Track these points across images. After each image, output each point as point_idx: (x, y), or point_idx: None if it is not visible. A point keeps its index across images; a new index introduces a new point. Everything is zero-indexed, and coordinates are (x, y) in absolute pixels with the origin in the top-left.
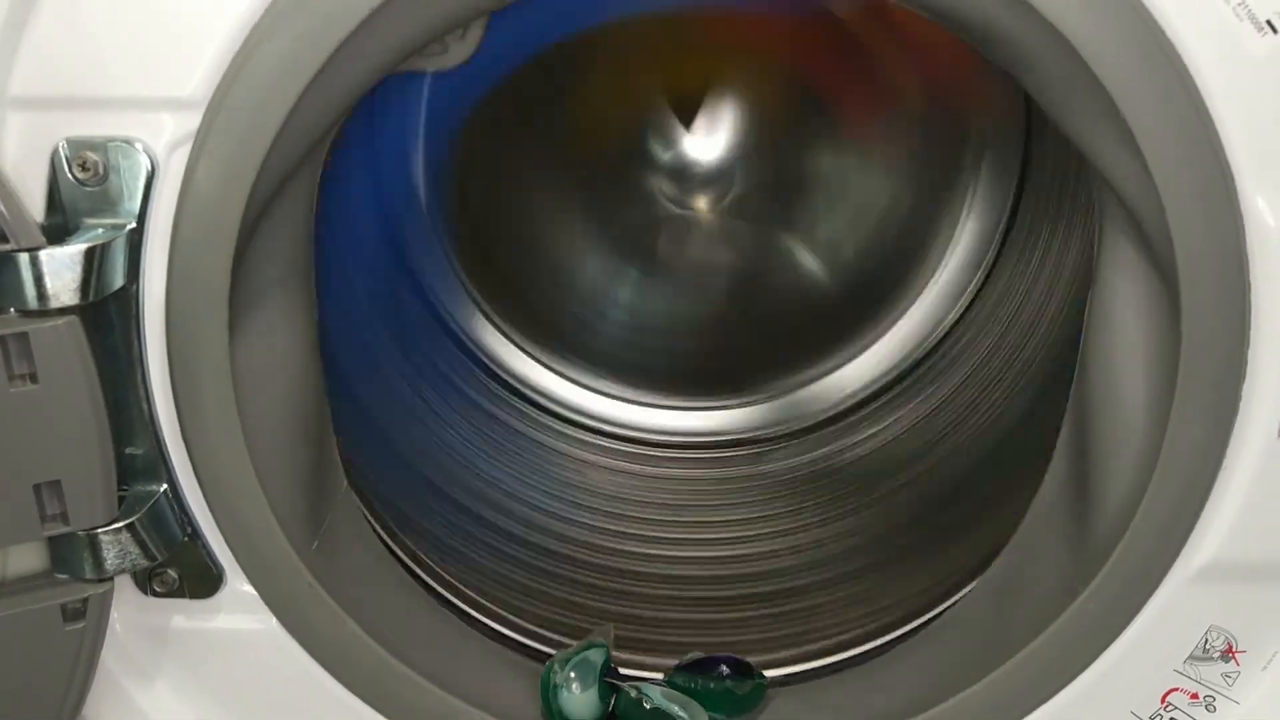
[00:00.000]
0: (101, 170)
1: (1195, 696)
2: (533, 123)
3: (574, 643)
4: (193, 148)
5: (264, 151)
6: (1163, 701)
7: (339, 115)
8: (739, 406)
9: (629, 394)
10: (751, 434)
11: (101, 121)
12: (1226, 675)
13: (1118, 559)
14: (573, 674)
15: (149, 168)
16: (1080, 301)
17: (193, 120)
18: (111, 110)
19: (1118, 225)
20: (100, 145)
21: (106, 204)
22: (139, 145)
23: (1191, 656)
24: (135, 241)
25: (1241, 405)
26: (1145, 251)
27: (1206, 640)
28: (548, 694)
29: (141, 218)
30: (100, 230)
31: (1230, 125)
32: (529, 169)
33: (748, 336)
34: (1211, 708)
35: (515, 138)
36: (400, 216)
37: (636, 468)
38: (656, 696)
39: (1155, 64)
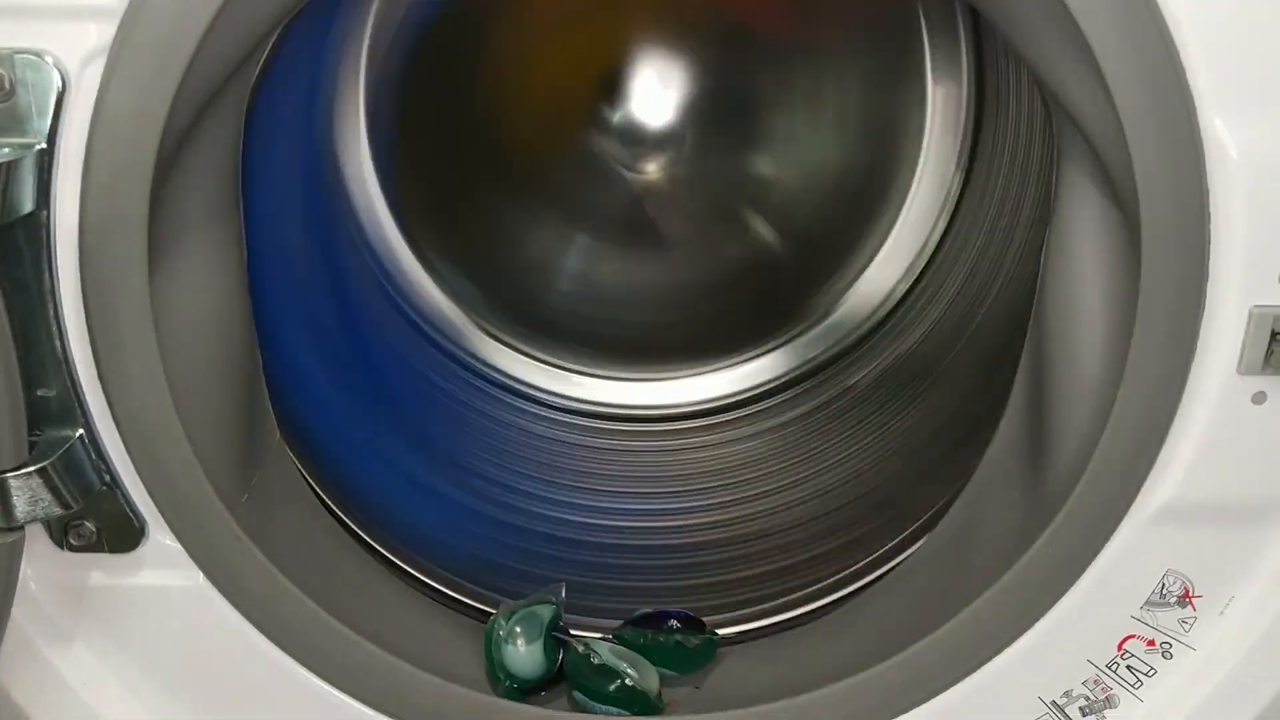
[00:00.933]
0: (7, 85)
1: (1152, 643)
2: (477, 68)
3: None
4: (106, 62)
5: (183, 67)
6: (1119, 649)
7: (265, 31)
8: (691, 377)
9: (577, 365)
10: (704, 405)
11: (8, 32)
12: (1183, 621)
13: (1074, 502)
14: (518, 628)
15: (59, 84)
16: (1038, 253)
17: (107, 31)
18: (18, 19)
19: (1076, 160)
20: (6, 58)
21: (13, 122)
22: (48, 59)
23: (1148, 602)
24: (45, 163)
25: (1200, 340)
26: (1104, 185)
27: (1164, 585)
28: (491, 648)
29: (52, 138)
30: (6, 149)
31: (1191, 46)
32: (473, 120)
33: (702, 305)
34: (1168, 654)
35: (459, 85)
36: (339, 159)
37: (586, 439)
38: (605, 653)
39: None
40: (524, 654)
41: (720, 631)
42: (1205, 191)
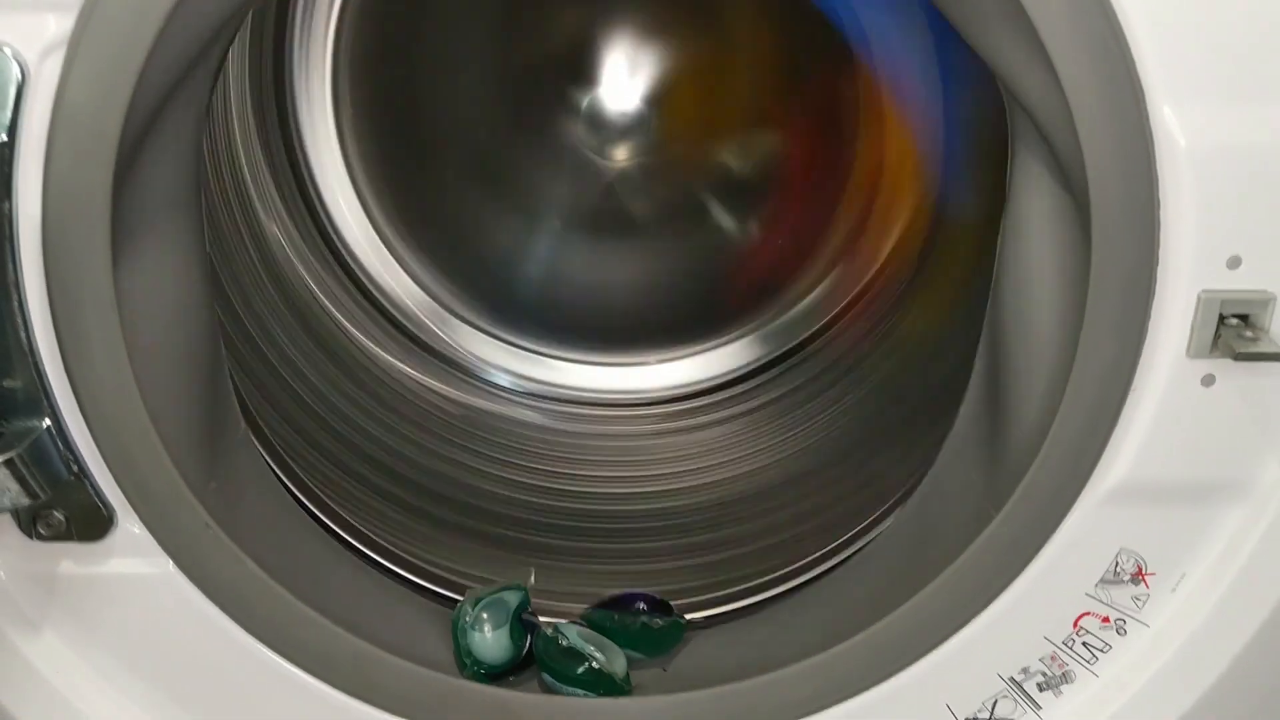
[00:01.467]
0: None
1: (1106, 620)
2: (448, 53)
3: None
4: (66, 53)
5: (143, 57)
6: (1074, 626)
7: (230, 14)
8: (661, 363)
9: (548, 350)
10: (674, 390)
11: None
12: (1136, 598)
13: (1029, 482)
14: (484, 614)
15: (19, 76)
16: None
17: (65, 22)
18: None
19: (1029, 146)
20: None
21: None
22: (7, 50)
23: (1102, 580)
24: (6, 156)
25: (1150, 324)
26: (1056, 172)
27: (1117, 563)
28: (457, 635)
29: (12, 130)
30: None
31: (1139, 34)
32: (441, 101)
33: (673, 292)
34: (1122, 630)
35: (429, 67)
36: (304, 145)
37: (555, 424)
38: (573, 636)
39: None
40: (490, 639)
41: (688, 615)
42: (1154, 179)
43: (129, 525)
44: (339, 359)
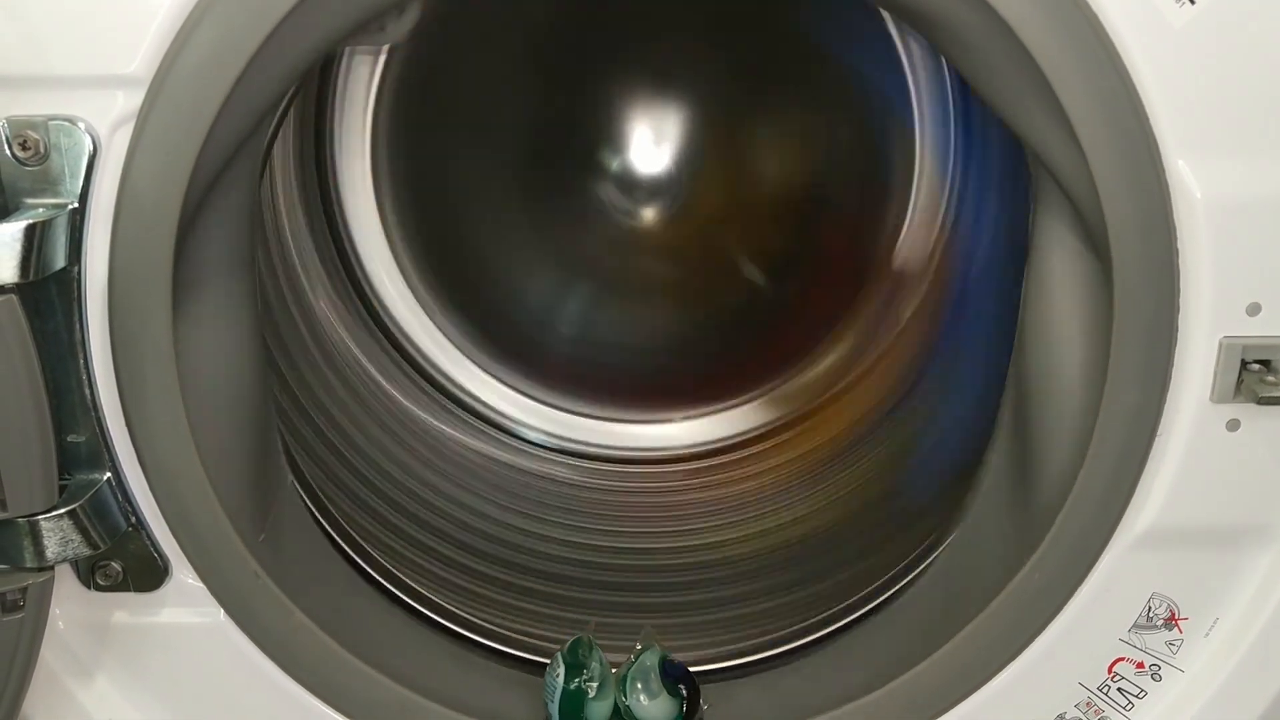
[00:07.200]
0: (42, 149)
1: (1141, 666)
2: (480, 119)
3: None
4: (135, 127)
5: (206, 129)
6: (1109, 671)
7: (281, 93)
8: (686, 420)
9: (575, 406)
10: (699, 448)
11: (42, 100)
12: (1170, 643)
13: (1059, 528)
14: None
15: (91, 147)
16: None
17: (135, 99)
18: (53, 89)
19: (1050, 200)
20: (41, 124)
21: (48, 183)
22: (81, 124)
23: (1136, 625)
24: (77, 222)
25: (1174, 370)
26: (1077, 225)
27: (1149, 608)
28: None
29: (83, 198)
30: (41, 210)
31: (1153, 92)
32: (475, 170)
33: (699, 348)
34: (1157, 676)
35: (462, 137)
36: (344, 208)
37: (585, 479)
38: (628, 682)
39: (1081, 36)
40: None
41: (730, 663)
42: (1172, 230)
43: (182, 576)
44: (376, 415)
